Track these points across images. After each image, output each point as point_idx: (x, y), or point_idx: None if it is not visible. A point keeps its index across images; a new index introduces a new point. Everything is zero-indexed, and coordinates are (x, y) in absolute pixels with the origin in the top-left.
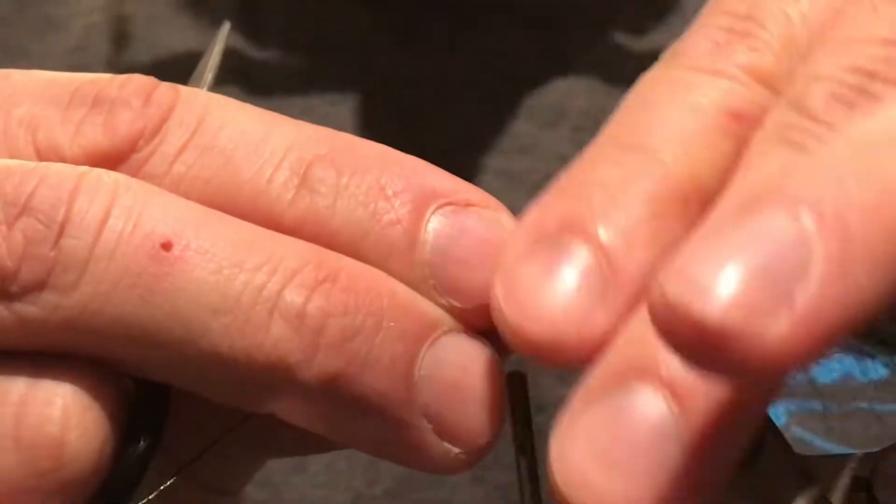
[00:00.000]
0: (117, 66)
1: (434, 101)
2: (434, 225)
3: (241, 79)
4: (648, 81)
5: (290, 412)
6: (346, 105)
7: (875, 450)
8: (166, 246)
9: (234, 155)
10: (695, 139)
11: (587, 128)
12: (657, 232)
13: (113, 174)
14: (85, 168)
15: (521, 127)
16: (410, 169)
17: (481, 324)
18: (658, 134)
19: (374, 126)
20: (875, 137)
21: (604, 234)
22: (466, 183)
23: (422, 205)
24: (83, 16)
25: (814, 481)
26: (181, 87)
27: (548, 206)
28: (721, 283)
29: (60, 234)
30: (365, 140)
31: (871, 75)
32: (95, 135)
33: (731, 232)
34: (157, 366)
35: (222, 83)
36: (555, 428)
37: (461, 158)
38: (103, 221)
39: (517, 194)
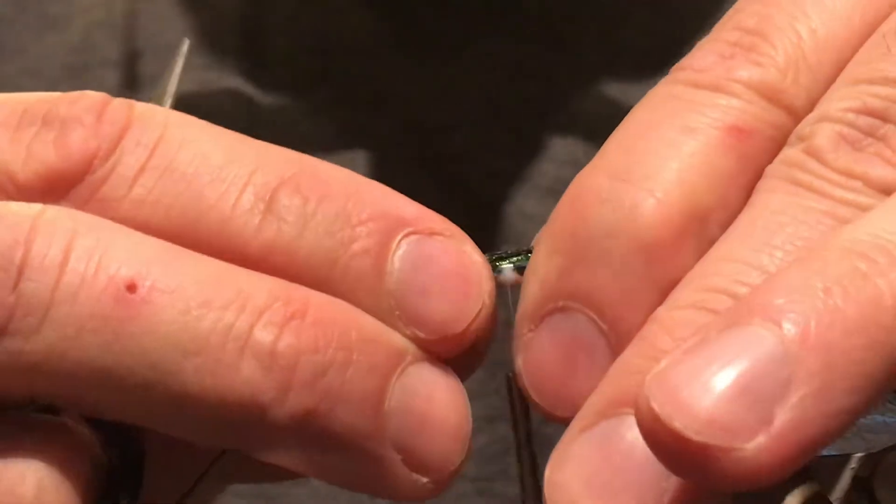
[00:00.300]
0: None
1: (441, 106)
2: (400, 255)
3: (249, 81)
4: (649, 99)
5: (261, 449)
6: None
7: (875, 450)
8: (131, 287)
9: (197, 179)
10: (691, 163)
11: (601, 132)
12: (648, 284)
13: (72, 213)
14: (41, 206)
15: (532, 126)
16: (376, 195)
17: (445, 351)
18: (651, 162)
19: (379, 134)
20: (865, 246)
21: (599, 299)
22: (429, 210)
23: (388, 234)
24: (84, 13)
25: (812, 480)
26: (136, 104)
27: (550, 274)
28: (702, 401)
29: (19, 277)
30: (331, 165)
31: (882, 117)
32: (47, 155)
33: (717, 344)
34: (127, 408)
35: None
36: (552, 454)
37: (469, 164)
38: (63, 264)
39: (528, 199)
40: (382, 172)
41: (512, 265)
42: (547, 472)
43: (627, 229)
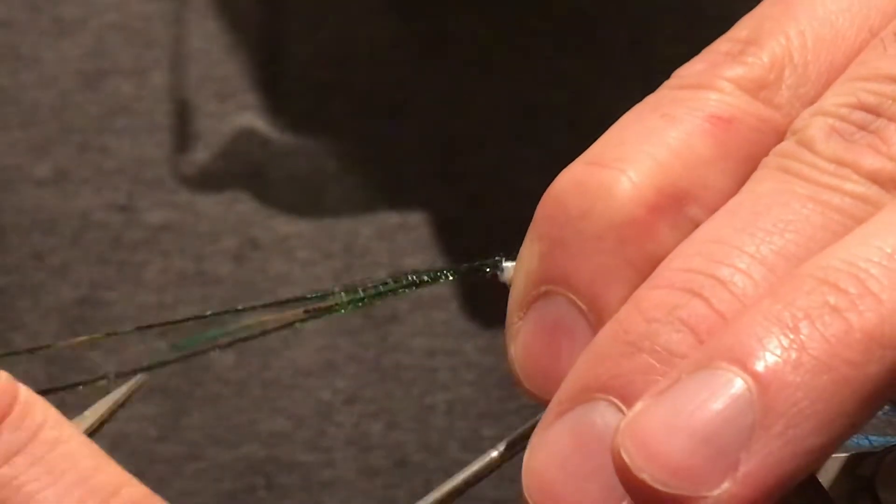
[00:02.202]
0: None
1: (465, 118)
2: None
3: (268, 90)
4: (639, 103)
5: None
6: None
7: (877, 449)
8: None
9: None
10: (667, 145)
11: None
12: (623, 261)
13: None
14: None
15: (562, 139)
16: None
17: None
18: (626, 147)
19: (398, 147)
20: (838, 275)
21: (577, 279)
22: None
23: None
24: (97, 16)
25: (815, 480)
26: (21, 391)
27: (532, 261)
28: (668, 451)
29: None
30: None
31: (876, 112)
32: None
33: (685, 388)
34: None
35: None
36: (529, 441)
37: (495, 181)
38: None
39: None
40: (401, 188)
41: (513, 264)
42: (524, 460)
43: (600, 208)
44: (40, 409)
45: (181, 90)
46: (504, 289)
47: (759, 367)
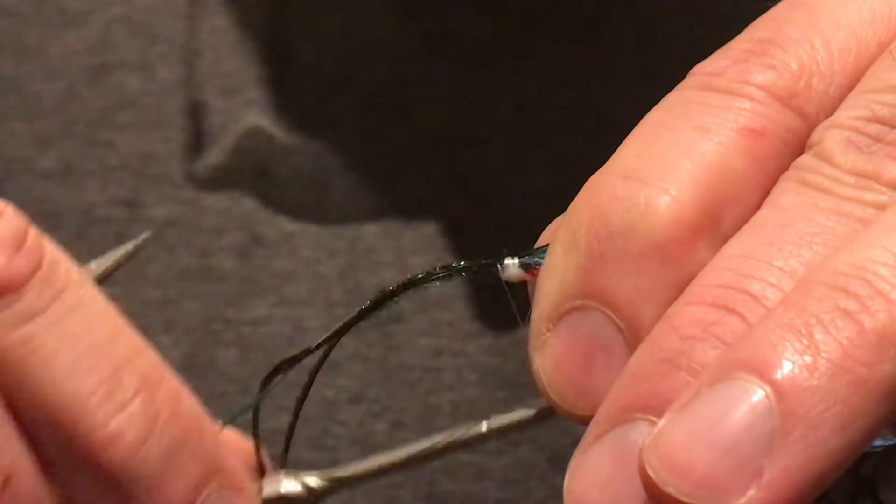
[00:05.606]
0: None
1: (470, 117)
2: None
3: (272, 87)
4: (663, 104)
5: None
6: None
7: (877, 449)
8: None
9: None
10: (705, 162)
11: None
12: (663, 281)
13: None
14: None
15: (567, 138)
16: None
17: None
18: (665, 162)
19: (403, 145)
20: (848, 280)
21: (616, 297)
22: None
23: None
24: (103, 9)
25: None
26: (47, 247)
27: (568, 273)
28: (692, 464)
29: None
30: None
31: (891, 124)
32: None
33: (705, 401)
34: None
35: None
36: (570, 462)
37: (500, 181)
38: None
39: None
40: (405, 186)
41: (516, 261)
42: (565, 482)
43: (642, 227)
44: (64, 270)
45: (193, 89)
46: (508, 290)
47: (776, 374)
